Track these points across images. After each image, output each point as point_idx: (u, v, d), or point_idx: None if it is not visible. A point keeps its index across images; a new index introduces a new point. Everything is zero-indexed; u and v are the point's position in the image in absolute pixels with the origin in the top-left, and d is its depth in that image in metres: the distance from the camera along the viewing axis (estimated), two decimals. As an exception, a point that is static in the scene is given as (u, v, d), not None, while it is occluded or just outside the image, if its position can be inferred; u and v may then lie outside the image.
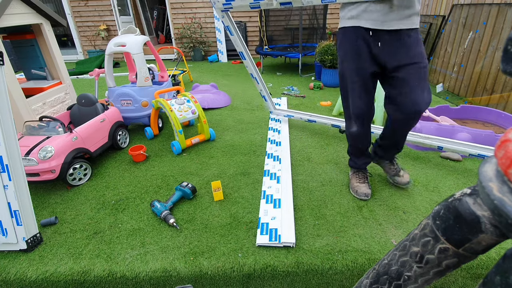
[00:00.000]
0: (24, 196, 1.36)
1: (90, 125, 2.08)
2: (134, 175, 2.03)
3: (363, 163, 1.78)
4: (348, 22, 1.44)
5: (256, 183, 1.88)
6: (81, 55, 6.81)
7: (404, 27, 1.36)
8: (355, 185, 1.74)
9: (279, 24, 5.58)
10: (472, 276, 1.28)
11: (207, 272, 1.28)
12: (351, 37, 1.45)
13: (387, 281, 0.66)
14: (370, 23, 1.38)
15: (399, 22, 1.35)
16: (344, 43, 1.49)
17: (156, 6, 7.90)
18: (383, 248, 1.35)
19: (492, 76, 2.94)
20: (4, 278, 1.28)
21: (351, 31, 1.44)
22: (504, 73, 0.44)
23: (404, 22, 1.36)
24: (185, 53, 6.51)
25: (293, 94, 3.79)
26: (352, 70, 1.49)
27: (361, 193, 1.69)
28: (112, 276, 1.28)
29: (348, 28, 1.45)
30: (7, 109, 1.29)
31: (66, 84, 2.83)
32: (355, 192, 1.72)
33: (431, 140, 2.02)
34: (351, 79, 1.50)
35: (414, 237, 0.63)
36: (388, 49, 1.40)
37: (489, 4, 2.97)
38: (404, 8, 1.33)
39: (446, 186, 1.79)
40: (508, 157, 0.43)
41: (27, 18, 2.37)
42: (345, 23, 1.47)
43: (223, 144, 2.44)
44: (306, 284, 1.29)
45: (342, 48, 1.51)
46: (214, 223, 1.55)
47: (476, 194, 0.52)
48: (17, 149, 1.33)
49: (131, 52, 2.51)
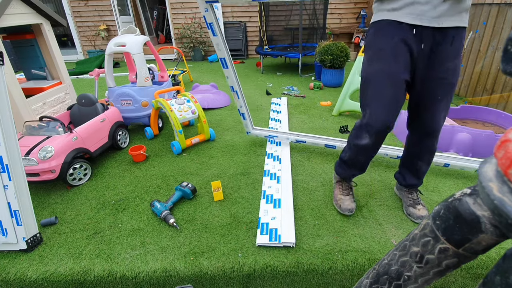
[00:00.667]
0: (24, 196, 1.36)
1: (90, 125, 2.08)
2: (134, 175, 2.03)
3: (352, 175, 1.60)
4: (387, 15, 1.19)
5: (256, 183, 1.88)
6: (81, 55, 6.81)
7: (455, 24, 1.14)
8: (338, 197, 1.60)
9: (279, 24, 5.57)
10: (472, 276, 1.28)
11: (207, 272, 1.28)
12: (388, 33, 1.20)
13: (387, 281, 0.66)
14: (416, 19, 1.14)
15: (450, 18, 1.12)
16: (377, 40, 1.25)
17: (156, 6, 7.90)
18: (383, 248, 1.35)
19: (492, 76, 2.94)
20: (4, 278, 1.28)
21: (389, 26, 1.19)
22: (504, 73, 0.44)
23: (455, 19, 1.13)
24: (185, 53, 6.51)
25: (293, 94, 3.79)
26: (383, 73, 1.23)
27: (345, 208, 1.55)
28: (112, 276, 1.28)
29: (384, 22, 1.21)
30: (7, 109, 1.29)
31: (66, 84, 2.83)
32: (338, 206, 1.58)
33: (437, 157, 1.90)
34: (379, 84, 1.25)
35: (414, 237, 0.63)
36: (430, 53, 1.19)
37: (489, 4, 2.97)
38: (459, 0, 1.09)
39: (446, 186, 1.79)
40: (508, 157, 0.43)
41: (27, 18, 2.37)
42: (382, 15, 1.21)
43: (223, 144, 2.44)
44: (306, 284, 1.29)
45: (373, 45, 1.27)
46: (214, 223, 1.55)
47: (476, 194, 0.52)
48: (17, 149, 1.33)
49: (131, 52, 2.51)
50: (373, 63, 1.26)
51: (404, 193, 1.62)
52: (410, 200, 1.58)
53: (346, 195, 1.60)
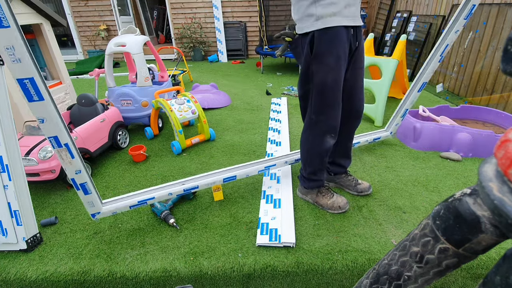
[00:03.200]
0: (24, 196, 1.36)
1: (90, 125, 2.08)
2: (134, 175, 2.03)
3: (324, 178, 1.64)
4: (332, 21, 1.22)
5: (256, 183, 1.88)
6: (81, 55, 6.81)
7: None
8: (329, 202, 1.58)
9: (279, 24, 5.57)
10: (472, 276, 1.28)
11: (207, 272, 1.28)
12: (342, 40, 1.25)
13: (387, 281, 0.66)
14: (352, 20, 1.25)
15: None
16: (333, 48, 1.25)
17: (156, 6, 7.90)
18: (383, 248, 1.35)
19: (492, 76, 2.94)
20: (4, 278, 1.28)
21: (342, 32, 1.24)
22: (504, 73, 0.44)
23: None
24: (185, 53, 6.51)
25: (293, 94, 3.79)
26: (340, 81, 1.33)
27: (343, 204, 1.57)
28: (112, 276, 1.28)
29: (338, 29, 1.23)
30: (7, 109, 1.29)
31: (66, 84, 2.83)
32: (337, 208, 1.57)
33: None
34: (337, 91, 1.34)
35: (414, 237, 0.63)
36: (360, 48, 1.38)
37: (489, 4, 2.97)
38: None
39: (446, 186, 1.79)
40: (508, 157, 0.43)
41: (27, 18, 2.37)
42: (327, 22, 1.22)
43: (223, 144, 2.44)
44: (306, 284, 1.29)
45: (330, 54, 1.26)
46: (214, 223, 1.55)
47: (476, 194, 0.52)
48: (17, 149, 1.33)
49: (131, 52, 2.51)
50: (335, 70, 1.30)
51: (344, 180, 1.75)
52: (352, 180, 1.73)
53: (332, 195, 1.61)
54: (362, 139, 2.13)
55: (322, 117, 1.39)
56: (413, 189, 1.77)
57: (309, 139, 1.49)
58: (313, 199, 1.65)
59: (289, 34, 1.38)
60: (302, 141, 1.56)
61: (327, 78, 1.30)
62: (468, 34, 3.29)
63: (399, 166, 2.02)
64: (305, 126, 1.51)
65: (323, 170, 1.59)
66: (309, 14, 1.24)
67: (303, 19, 1.27)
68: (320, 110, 1.38)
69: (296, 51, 1.42)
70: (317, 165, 1.55)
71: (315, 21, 1.23)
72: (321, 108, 1.38)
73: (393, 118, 2.23)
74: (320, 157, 1.52)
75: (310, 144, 1.50)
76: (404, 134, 2.37)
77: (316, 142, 1.46)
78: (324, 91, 1.33)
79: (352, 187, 1.72)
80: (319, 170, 1.57)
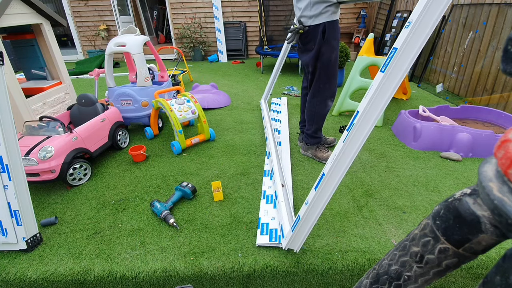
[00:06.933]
0: (24, 196, 1.36)
1: (90, 125, 2.08)
2: (134, 175, 2.03)
3: (322, 136, 2.13)
4: (335, 16, 1.78)
5: (256, 183, 1.88)
6: (81, 55, 6.81)
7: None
8: (325, 155, 2.06)
9: (279, 24, 5.57)
10: (472, 276, 1.28)
11: (207, 272, 1.28)
12: (338, 28, 1.83)
13: (387, 281, 0.66)
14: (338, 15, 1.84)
15: None
16: (337, 34, 1.82)
17: (156, 6, 7.90)
18: (383, 248, 1.35)
19: (492, 76, 2.94)
20: (4, 278, 1.28)
21: (337, 23, 1.81)
22: (504, 73, 0.44)
23: None
24: (185, 53, 6.51)
25: (293, 94, 3.79)
26: (338, 56, 1.89)
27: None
28: (112, 276, 1.28)
29: (336, 21, 1.80)
30: (7, 109, 1.29)
31: (66, 84, 2.83)
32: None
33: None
34: (337, 63, 1.89)
35: (414, 237, 0.63)
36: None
37: (489, 4, 2.97)
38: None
39: (446, 186, 1.79)
40: (508, 157, 0.43)
41: (27, 18, 2.37)
42: (332, 17, 1.77)
43: (223, 144, 2.44)
44: (306, 284, 1.29)
45: (336, 38, 1.82)
46: (214, 223, 1.55)
47: (476, 194, 0.52)
48: (17, 149, 1.33)
49: (131, 52, 2.51)
50: (336, 50, 1.84)
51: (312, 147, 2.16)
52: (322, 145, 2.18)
53: (327, 151, 2.10)
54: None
55: (327, 85, 1.90)
56: (413, 189, 1.77)
57: (316, 103, 1.96)
58: (312, 153, 2.13)
59: (301, 28, 1.84)
60: (310, 106, 2.01)
61: (332, 56, 1.82)
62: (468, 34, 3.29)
63: (399, 166, 2.02)
64: (312, 94, 1.97)
65: (321, 130, 2.09)
66: (325, 12, 1.74)
67: (319, 15, 1.75)
68: (327, 80, 1.89)
69: (306, 39, 1.87)
70: (320, 124, 2.04)
71: (330, 15, 1.75)
72: (327, 78, 1.88)
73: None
74: (323, 117, 2.01)
75: (317, 107, 1.96)
76: (404, 134, 2.37)
77: (321, 105, 1.95)
78: (330, 66, 1.85)
79: (325, 144, 2.25)
80: (320, 129, 2.07)
